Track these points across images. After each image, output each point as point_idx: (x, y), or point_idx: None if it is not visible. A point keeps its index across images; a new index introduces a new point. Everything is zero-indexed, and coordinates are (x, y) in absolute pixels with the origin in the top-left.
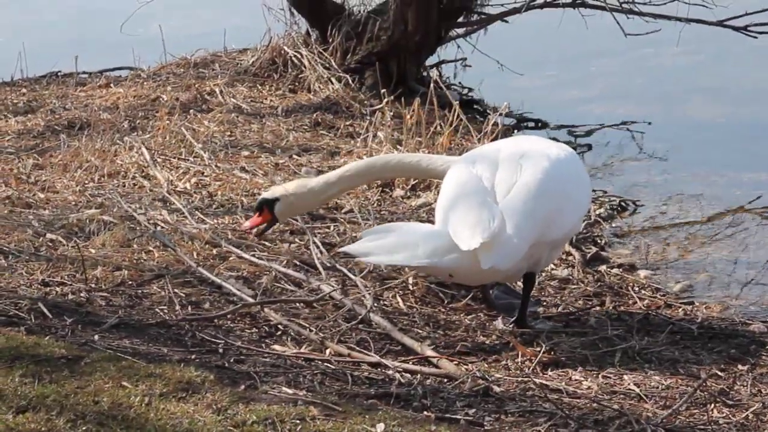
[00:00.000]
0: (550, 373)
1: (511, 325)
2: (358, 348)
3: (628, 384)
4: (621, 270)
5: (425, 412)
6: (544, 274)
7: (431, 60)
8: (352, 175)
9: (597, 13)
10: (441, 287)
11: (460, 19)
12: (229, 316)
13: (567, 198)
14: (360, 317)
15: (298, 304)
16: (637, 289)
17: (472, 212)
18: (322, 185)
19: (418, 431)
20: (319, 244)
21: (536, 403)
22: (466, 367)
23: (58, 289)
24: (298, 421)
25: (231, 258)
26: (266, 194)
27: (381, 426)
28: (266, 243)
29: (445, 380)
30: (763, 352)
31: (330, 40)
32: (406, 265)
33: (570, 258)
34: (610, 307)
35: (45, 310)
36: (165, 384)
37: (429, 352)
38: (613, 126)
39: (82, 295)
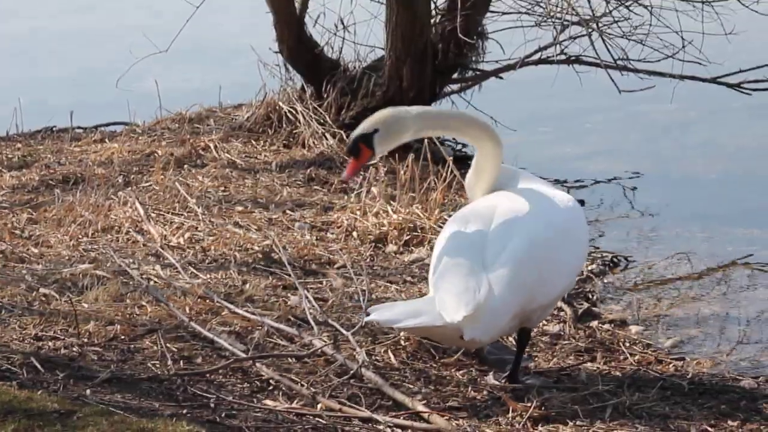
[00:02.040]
0: (540, 428)
1: (502, 381)
2: (349, 403)
3: None
4: (612, 326)
5: None
6: (535, 330)
7: None
8: (431, 115)
9: (591, 69)
10: (432, 342)
11: (455, 75)
12: (221, 370)
13: (557, 264)
14: (351, 372)
15: (290, 359)
16: (628, 344)
17: (459, 281)
18: (413, 116)
19: None
20: (312, 299)
21: None
22: (456, 422)
23: (50, 343)
24: None
25: (224, 313)
26: (358, 131)
27: None
28: (257, 298)
29: None
30: (754, 408)
31: (325, 96)
32: (408, 328)
33: (562, 314)
34: (601, 363)
35: (37, 365)
36: None
37: (420, 407)
38: (606, 182)
39: (74, 349)
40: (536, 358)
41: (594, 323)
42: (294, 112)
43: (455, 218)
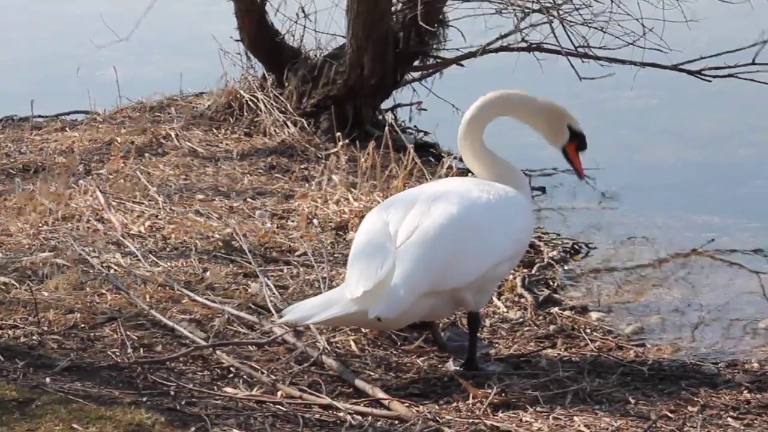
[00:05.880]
0: (500, 414)
1: (462, 367)
2: (309, 390)
3: (579, 425)
4: (573, 312)
5: None
6: (496, 317)
7: (387, 104)
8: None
9: (552, 57)
10: (394, 330)
11: (416, 63)
12: (181, 358)
13: (472, 245)
14: (312, 359)
15: (250, 347)
16: (588, 330)
17: (365, 260)
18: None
19: None
20: (272, 286)
21: None
22: (417, 408)
23: (10, 332)
24: None
25: (184, 301)
26: (570, 135)
27: None
28: (218, 286)
29: (396, 422)
30: (713, 394)
31: (286, 84)
32: (320, 321)
33: (522, 300)
34: (562, 349)
35: None
36: (115, 426)
37: (380, 394)
38: (567, 169)
39: (34, 337)
40: (497, 345)
41: (555, 310)
42: (255, 100)
43: (380, 205)
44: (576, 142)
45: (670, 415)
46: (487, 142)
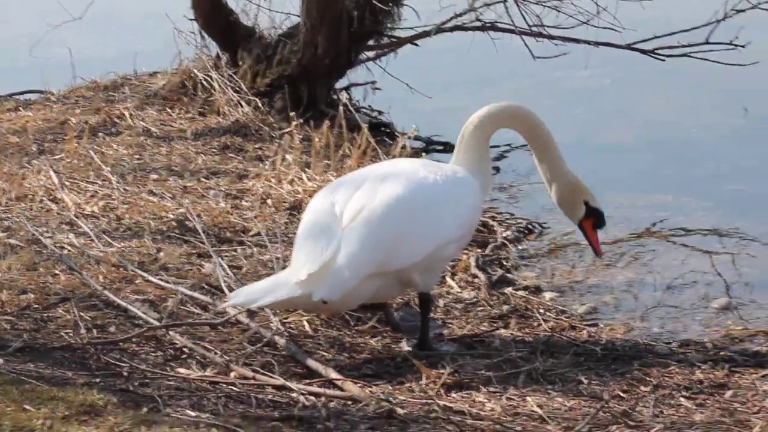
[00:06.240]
0: (453, 395)
1: (415, 348)
2: (262, 371)
3: (532, 405)
4: (526, 292)
5: None
6: (449, 297)
7: (341, 83)
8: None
9: (506, 36)
10: (347, 311)
11: (371, 43)
12: (134, 339)
13: (418, 225)
14: (265, 340)
15: (204, 327)
16: (542, 311)
17: (311, 242)
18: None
19: None
20: (226, 266)
21: (439, 425)
22: (370, 389)
23: None
24: None
25: (138, 281)
26: (587, 211)
27: None
28: (171, 266)
29: (349, 402)
30: (666, 374)
31: (240, 64)
32: (266, 305)
33: (476, 280)
34: (515, 330)
35: None
36: (67, 407)
37: (333, 375)
38: (521, 148)
39: None
40: (450, 325)
41: (508, 290)
42: (209, 79)
43: (328, 186)
44: (593, 219)
45: (622, 395)
46: (441, 123)
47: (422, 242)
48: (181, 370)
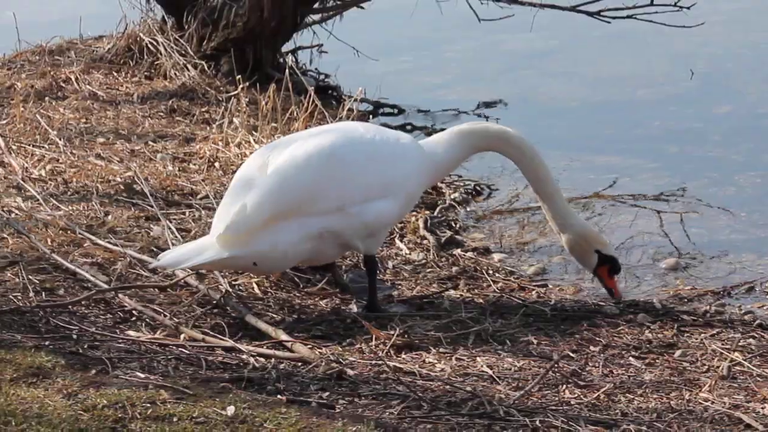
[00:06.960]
0: (403, 356)
1: (364, 310)
2: (212, 333)
3: (481, 366)
4: (475, 253)
5: (279, 396)
6: (398, 258)
7: (287, 46)
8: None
9: None
10: (296, 272)
11: (316, 5)
12: (83, 302)
13: (336, 178)
14: (215, 302)
15: (152, 290)
16: (491, 272)
17: (232, 198)
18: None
19: (269, 414)
20: (174, 229)
21: (390, 386)
22: (320, 350)
23: None
24: (148, 405)
25: (86, 244)
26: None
27: (231, 409)
28: (120, 230)
29: (299, 364)
30: (615, 334)
31: (186, 27)
32: (193, 266)
33: (425, 242)
34: (464, 291)
35: None
36: (15, 369)
37: (283, 337)
38: (468, 111)
39: None
40: (400, 287)
41: (457, 251)
42: (155, 43)
43: (264, 146)
44: (608, 266)
45: (572, 354)
46: (388, 86)
47: (338, 193)
48: (131, 333)
